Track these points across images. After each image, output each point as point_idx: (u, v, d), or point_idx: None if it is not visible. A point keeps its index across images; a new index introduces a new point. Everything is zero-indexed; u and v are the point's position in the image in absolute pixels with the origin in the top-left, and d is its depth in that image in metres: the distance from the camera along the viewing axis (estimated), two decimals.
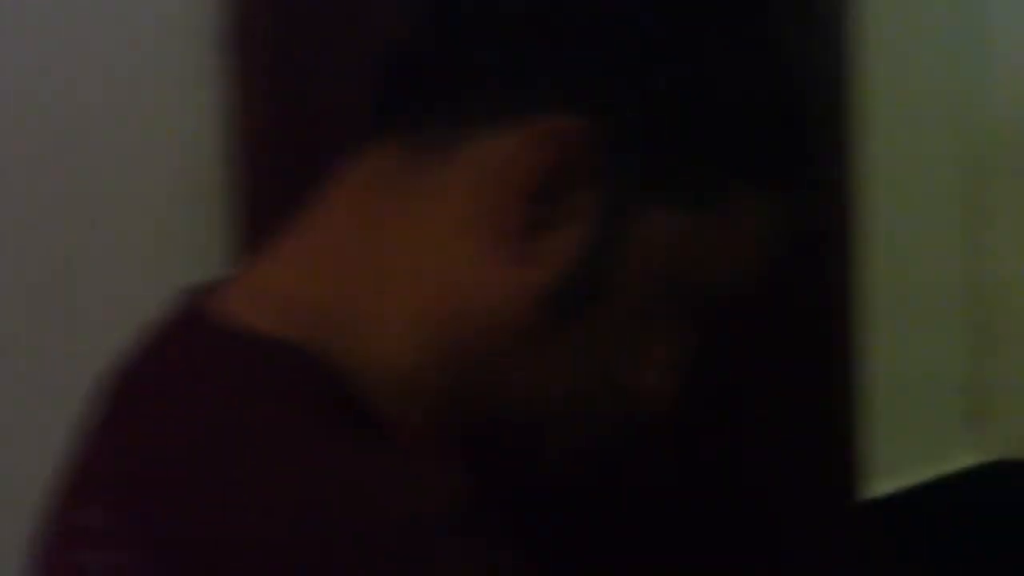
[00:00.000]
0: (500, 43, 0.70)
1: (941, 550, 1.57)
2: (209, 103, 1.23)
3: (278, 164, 1.22)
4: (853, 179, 1.42)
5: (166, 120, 1.23)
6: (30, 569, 0.74)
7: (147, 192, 1.21)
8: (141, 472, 0.68)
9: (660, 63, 0.70)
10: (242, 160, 1.22)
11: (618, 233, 0.71)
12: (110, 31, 1.20)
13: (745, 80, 0.71)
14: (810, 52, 0.76)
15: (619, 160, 0.70)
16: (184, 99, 1.23)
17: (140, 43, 1.21)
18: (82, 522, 0.69)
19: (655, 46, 0.70)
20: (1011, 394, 1.64)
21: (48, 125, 1.18)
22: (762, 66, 0.72)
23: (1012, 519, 1.61)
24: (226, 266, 1.16)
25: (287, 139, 1.22)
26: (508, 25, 0.70)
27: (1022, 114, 1.57)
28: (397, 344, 0.70)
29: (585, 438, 0.75)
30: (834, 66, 1.39)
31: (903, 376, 1.56)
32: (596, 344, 0.72)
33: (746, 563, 1.42)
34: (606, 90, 0.70)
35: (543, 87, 0.69)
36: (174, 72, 1.23)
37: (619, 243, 0.71)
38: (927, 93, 1.57)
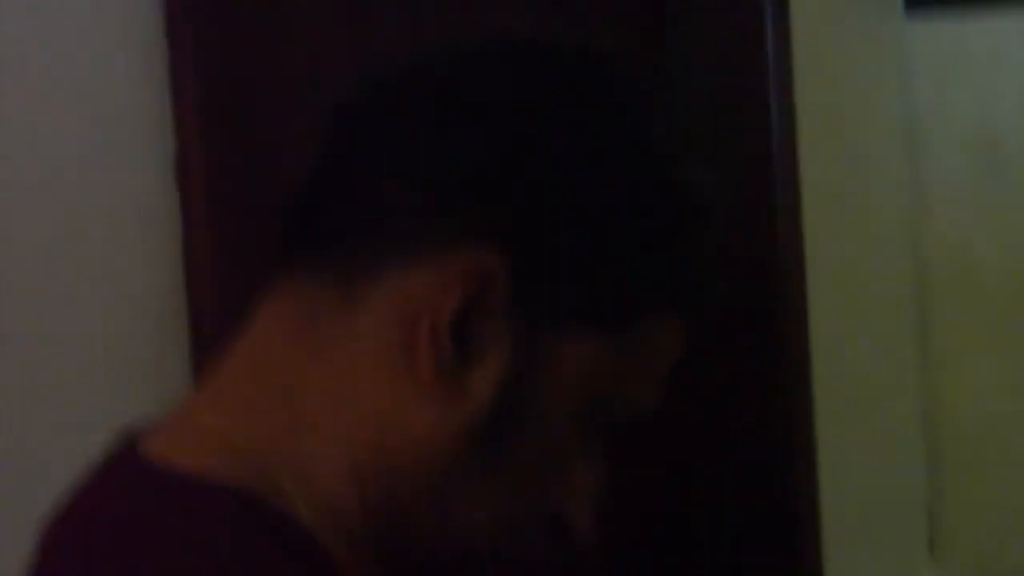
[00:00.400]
0: (410, 179, 0.71)
1: None
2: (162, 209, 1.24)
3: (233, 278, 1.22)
4: (802, 306, 1.43)
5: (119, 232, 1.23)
6: None
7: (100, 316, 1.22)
8: None
9: (570, 193, 0.71)
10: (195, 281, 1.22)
11: (536, 361, 0.71)
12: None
13: (654, 209, 0.72)
14: (726, 181, 0.77)
15: (532, 289, 0.71)
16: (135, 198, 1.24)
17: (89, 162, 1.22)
18: None
19: (564, 177, 0.71)
20: (971, 522, 1.64)
21: None
22: (670, 196, 0.73)
23: None
24: (183, 383, 1.16)
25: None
26: (417, 160, 0.71)
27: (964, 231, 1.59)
28: (335, 483, 0.71)
29: (517, 566, 0.75)
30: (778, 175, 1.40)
31: (862, 505, 1.55)
32: (519, 473, 0.72)
33: None
34: (517, 222, 0.71)
35: (453, 222, 0.70)
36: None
37: (538, 371, 0.71)
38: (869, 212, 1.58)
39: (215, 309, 1.22)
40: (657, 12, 1.40)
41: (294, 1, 1.25)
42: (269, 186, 1.20)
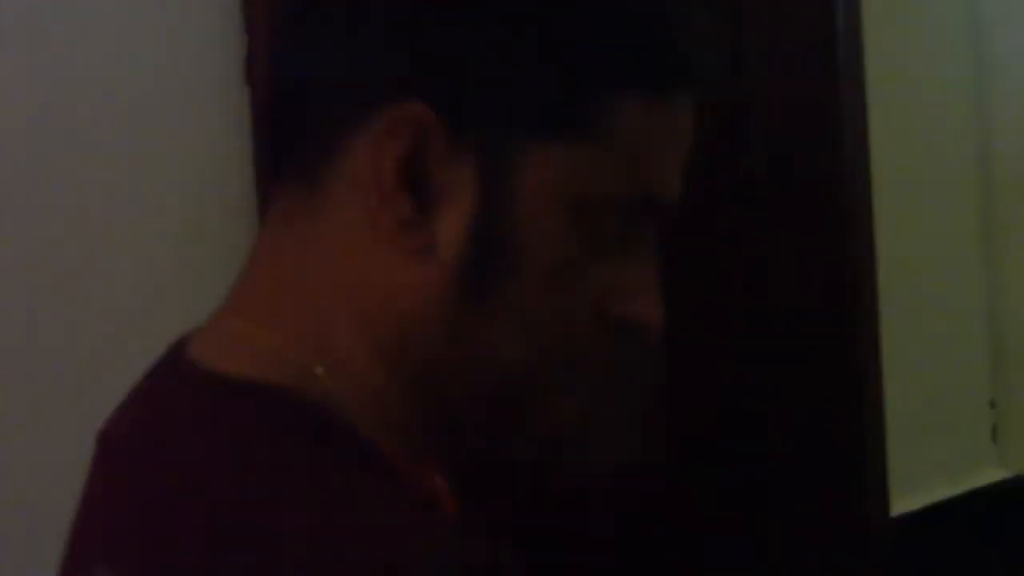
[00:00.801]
0: (335, 45, 0.71)
1: (967, 566, 1.60)
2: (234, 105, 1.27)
3: None
4: (868, 204, 1.45)
5: (190, 125, 1.27)
6: None
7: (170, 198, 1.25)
8: (143, 524, 0.69)
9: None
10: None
11: (505, 189, 0.70)
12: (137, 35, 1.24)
13: None
14: None
15: (472, 117, 0.69)
16: (207, 103, 1.27)
17: (164, 43, 1.25)
18: None
19: None
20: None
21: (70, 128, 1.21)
22: None
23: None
24: None
25: None
26: (337, 24, 0.71)
27: None
28: (365, 369, 0.71)
29: (560, 413, 0.74)
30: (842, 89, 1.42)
31: (926, 395, 1.59)
32: (537, 297, 0.71)
33: None
34: (433, 60, 0.70)
35: (376, 87, 0.70)
36: (196, 74, 1.27)
37: (509, 198, 0.70)
38: (935, 109, 1.61)
39: None
40: None
41: None
42: None
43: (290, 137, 0.74)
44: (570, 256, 0.70)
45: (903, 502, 1.52)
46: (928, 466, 1.58)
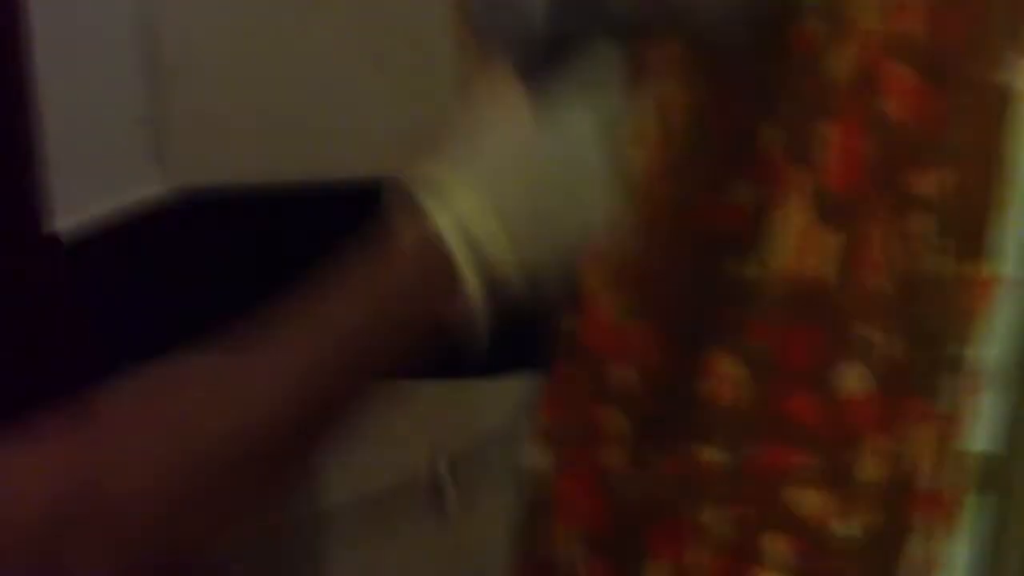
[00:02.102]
0: None
1: (141, 276, 1.66)
2: None
3: None
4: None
5: None
6: None
7: None
8: None
9: None
10: None
11: None
12: None
13: None
14: None
15: None
16: None
17: None
18: None
19: None
20: (190, 124, 1.73)
21: None
22: None
23: (197, 244, 1.72)
24: None
25: None
26: None
27: None
28: None
29: None
30: None
31: (80, 114, 1.60)
32: None
33: None
34: None
35: None
36: None
37: None
38: None
39: None
40: None
41: None
42: None
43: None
44: None
45: (65, 221, 1.54)
46: (89, 185, 1.61)
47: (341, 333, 0.82)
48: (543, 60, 0.89)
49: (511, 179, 0.87)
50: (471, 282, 0.84)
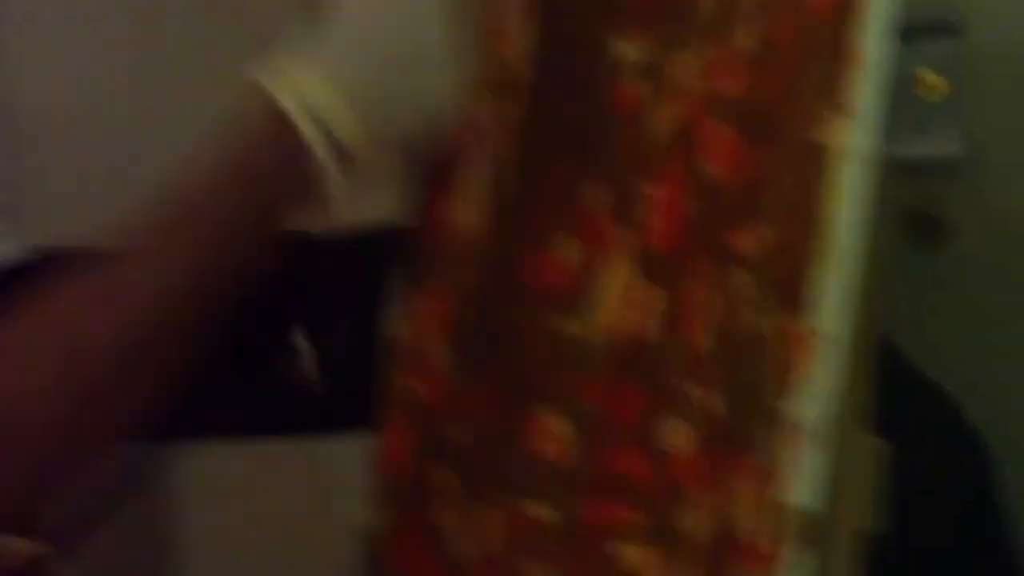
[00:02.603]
0: None
1: None
2: None
3: None
4: None
5: None
6: None
7: None
8: None
9: None
10: None
11: None
12: None
13: None
14: None
15: None
16: None
17: None
18: None
19: None
20: (46, 186, 1.72)
21: None
22: None
23: None
24: None
25: None
26: None
27: None
28: None
29: None
30: None
31: None
32: None
33: None
34: None
35: None
36: None
37: None
38: None
39: None
40: None
41: None
42: None
43: None
44: None
45: None
46: None
47: (206, 223, 0.88)
48: None
49: (355, 58, 0.92)
50: (321, 156, 0.90)
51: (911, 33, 1.65)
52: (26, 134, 1.71)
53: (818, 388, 0.99)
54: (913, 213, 1.69)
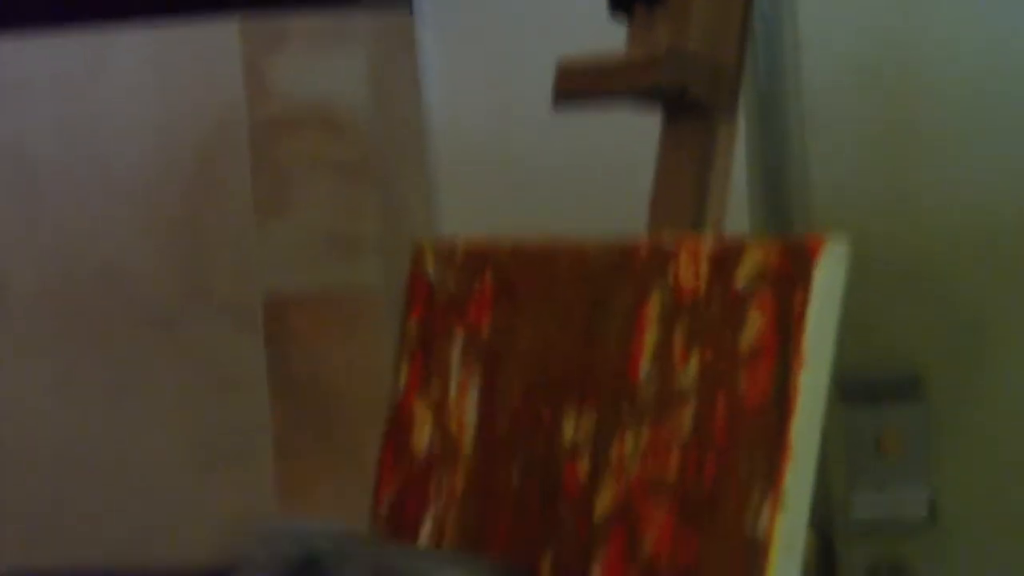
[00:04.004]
0: None
1: None
2: None
3: None
4: None
5: None
6: None
7: None
8: None
9: None
10: None
11: None
12: None
13: None
14: None
15: None
16: None
17: None
18: None
19: None
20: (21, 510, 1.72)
21: None
22: None
23: None
24: None
25: None
26: None
27: None
28: None
29: None
30: None
31: None
32: None
33: None
34: None
35: None
36: None
37: None
38: None
39: None
40: None
41: None
42: None
43: None
44: None
45: None
46: None
47: None
48: None
49: None
50: None
51: (873, 395, 1.67)
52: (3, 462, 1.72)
53: None
54: (877, 572, 1.68)
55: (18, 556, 1.71)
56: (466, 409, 1.11)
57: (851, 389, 1.60)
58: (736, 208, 1.22)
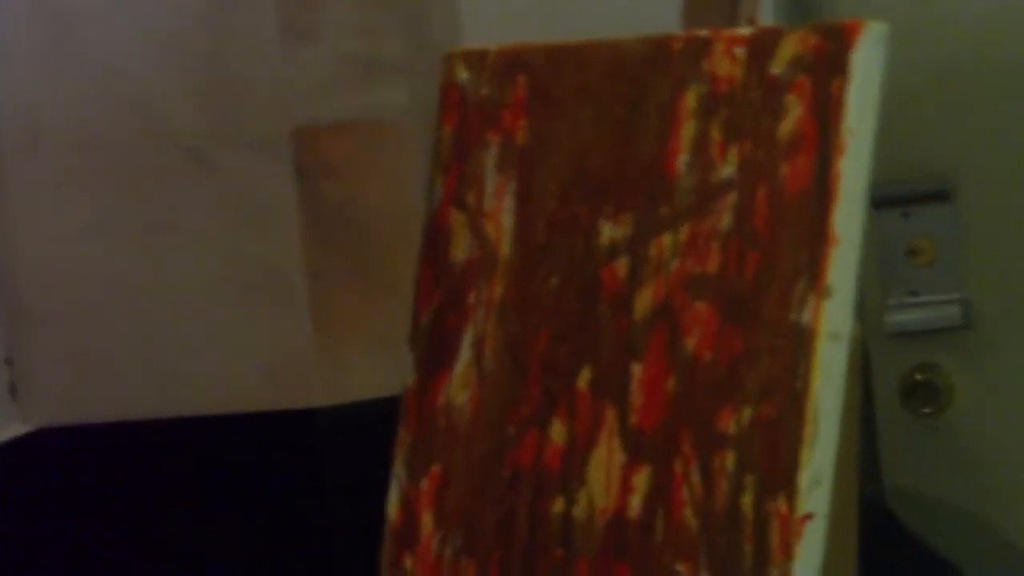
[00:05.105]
0: None
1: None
2: None
3: None
4: None
5: None
6: None
7: None
8: None
9: None
10: None
11: None
12: None
13: None
14: None
15: None
16: None
17: None
18: None
19: None
20: (48, 366, 1.73)
21: None
22: None
23: (56, 482, 1.71)
24: None
25: None
26: None
27: None
28: None
29: None
30: None
31: None
32: None
33: None
34: None
35: None
36: None
37: None
38: None
39: None
40: None
41: None
42: None
43: None
44: None
45: None
46: None
47: None
48: None
49: None
50: None
51: (903, 201, 1.67)
52: (28, 314, 1.73)
53: (802, 565, 0.99)
54: (910, 380, 1.69)
55: (52, 407, 1.72)
56: (503, 214, 1.11)
57: (880, 196, 1.60)
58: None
